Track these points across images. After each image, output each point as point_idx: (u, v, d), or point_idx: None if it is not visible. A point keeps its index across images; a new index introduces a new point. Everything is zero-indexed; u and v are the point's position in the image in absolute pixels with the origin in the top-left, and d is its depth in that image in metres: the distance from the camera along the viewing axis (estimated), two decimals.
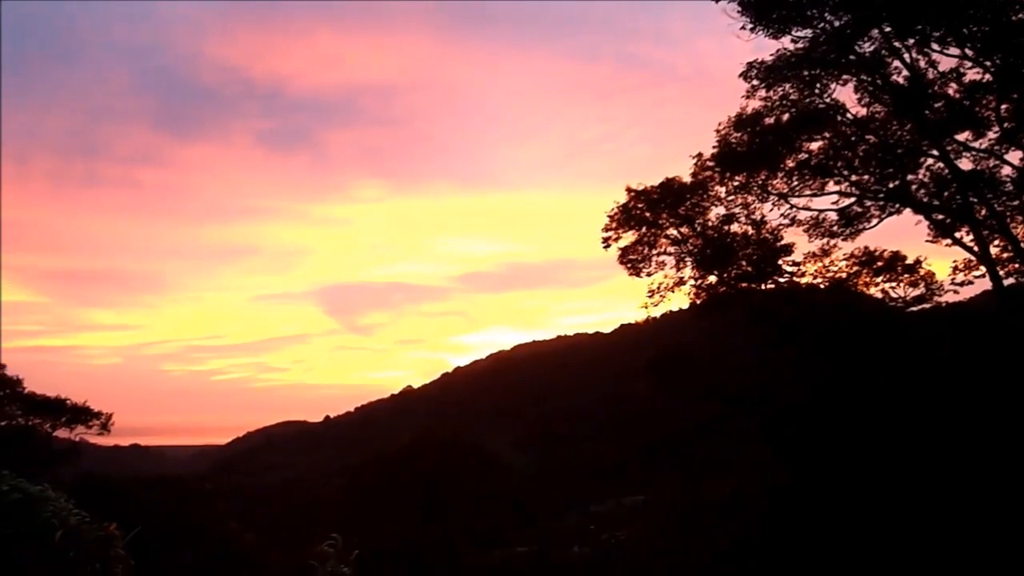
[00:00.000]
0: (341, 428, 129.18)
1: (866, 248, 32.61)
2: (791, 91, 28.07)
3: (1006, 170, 26.83)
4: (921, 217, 28.44)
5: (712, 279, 32.50)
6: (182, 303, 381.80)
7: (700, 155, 31.15)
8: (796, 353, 32.12)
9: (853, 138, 28.77)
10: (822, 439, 27.97)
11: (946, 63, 25.63)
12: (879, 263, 32.88)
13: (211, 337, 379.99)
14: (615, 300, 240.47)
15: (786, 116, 28.54)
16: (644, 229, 32.66)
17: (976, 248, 27.24)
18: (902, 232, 31.19)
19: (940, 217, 28.42)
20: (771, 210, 31.25)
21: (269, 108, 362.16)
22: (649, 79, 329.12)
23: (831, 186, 29.78)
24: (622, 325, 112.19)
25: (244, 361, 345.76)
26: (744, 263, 31.98)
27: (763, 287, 33.00)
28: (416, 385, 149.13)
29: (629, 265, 32.90)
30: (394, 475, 52.72)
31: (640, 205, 32.37)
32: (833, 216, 30.64)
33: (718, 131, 29.90)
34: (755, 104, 28.69)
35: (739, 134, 29.45)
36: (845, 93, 28.18)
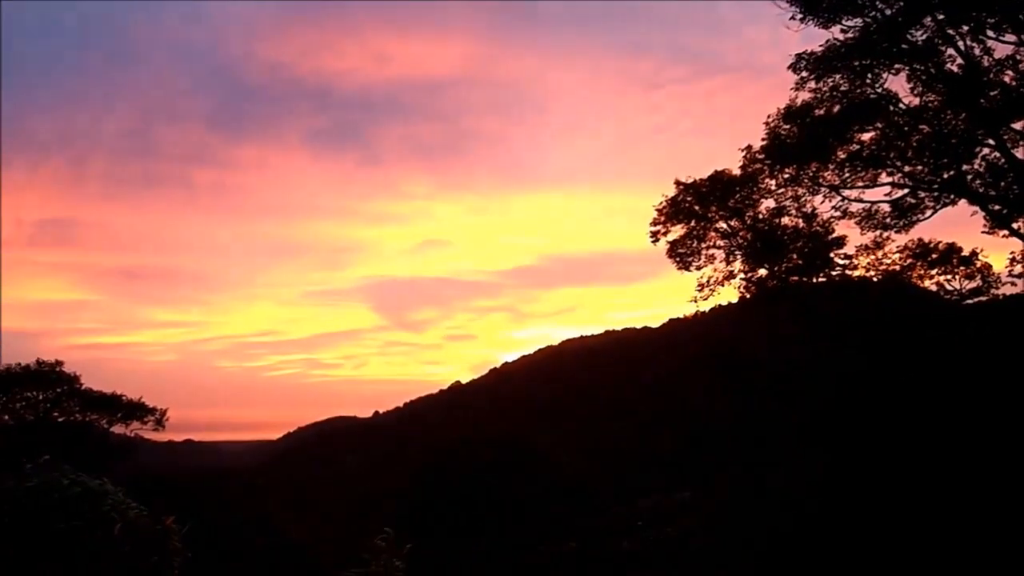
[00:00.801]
0: (391, 423, 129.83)
1: (920, 240, 32.14)
2: (841, 82, 27.56)
3: None
4: (977, 208, 27.81)
5: (762, 273, 32.17)
6: (235, 300, 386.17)
7: (749, 147, 30.86)
8: (847, 348, 31.68)
9: (906, 128, 28.15)
10: (872, 436, 27.60)
11: (1002, 50, 25.07)
12: (934, 255, 32.36)
13: (264, 334, 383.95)
14: (664, 295, 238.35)
15: (837, 107, 28.04)
16: (693, 222, 32.45)
17: None
18: (957, 223, 30.53)
19: (996, 207, 27.78)
20: (822, 202, 30.80)
21: (319, 106, 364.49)
22: (698, 70, 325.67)
23: (884, 177, 29.20)
24: (670, 320, 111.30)
25: (296, 357, 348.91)
26: (795, 256, 31.60)
27: (814, 281, 32.60)
28: (465, 380, 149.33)
29: (678, 259, 32.71)
30: (445, 471, 52.94)
31: (689, 198, 32.17)
32: (886, 208, 30.10)
33: (767, 123, 29.53)
34: (805, 96, 28.27)
35: (789, 126, 29.04)
36: (897, 83, 27.60)
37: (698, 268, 32.86)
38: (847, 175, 29.51)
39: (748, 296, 33.11)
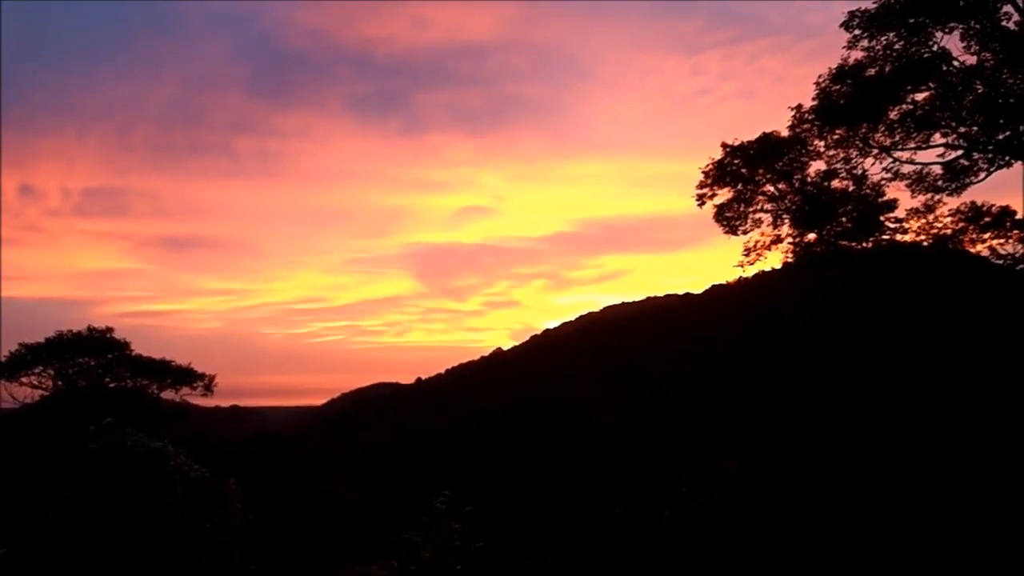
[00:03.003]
0: (433, 389, 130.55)
1: (972, 203, 31.42)
2: (895, 40, 26.99)
3: None
4: None
5: (810, 237, 31.76)
6: (279, 268, 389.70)
7: (799, 107, 30.29)
8: (896, 314, 31.24)
9: (960, 88, 27.52)
10: (924, 402, 27.27)
11: None
12: (987, 219, 31.63)
13: (307, 301, 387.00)
14: (706, 261, 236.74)
15: (889, 67, 27.47)
16: (740, 186, 32.06)
17: None
18: (1012, 186, 29.84)
19: None
20: (872, 164, 30.24)
21: (361, 73, 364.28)
22: (743, 32, 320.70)
23: (937, 138, 28.59)
24: (713, 286, 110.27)
25: (339, 324, 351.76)
26: (844, 220, 31.15)
27: (863, 245, 32.13)
28: (506, 347, 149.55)
29: (725, 223, 32.37)
30: (488, 435, 53.20)
31: (736, 161, 31.76)
32: (938, 170, 29.51)
33: (818, 83, 28.98)
34: (857, 55, 27.72)
35: (840, 86, 28.50)
36: (952, 41, 26.99)
37: (745, 232, 32.53)
38: (899, 136, 28.94)
39: (795, 260, 32.74)
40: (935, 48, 26.70)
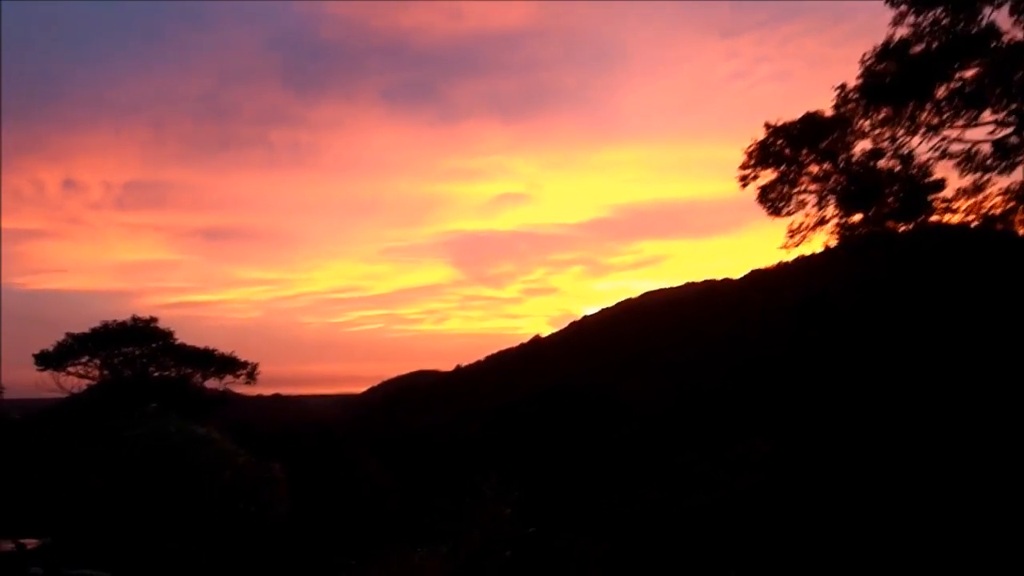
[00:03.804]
0: (472, 377, 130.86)
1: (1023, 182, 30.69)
2: (942, 16, 26.37)
3: None
4: None
5: (856, 218, 31.20)
6: (317, 258, 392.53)
7: (843, 86, 29.66)
8: (942, 297, 30.66)
9: (1010, 64, 26.83)
10: (969, 388, 26.79)
11: None
12: None
13: (345, 290, 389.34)
14: (744, 246, 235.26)
15: (936, 43, 26.86)
16: (784, 166, 31.54)
17: None
18: None
19: None
20: (920, 144, 29.58)
21: (393, 63, 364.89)
22: (777, 13, 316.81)
23: (986, 116, 27.87)
24: (752, 271, 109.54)
25: (377, 313, 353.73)
26: (891, 200, 30.54)
27: (909, 226, 31.52)
28: (545, 334, 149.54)
29: (768, 204, 31.85)
30: (528, 420, 53.18)
31: (779, 141, 31.24)
32: (987, 148, 28.77)
33: (863, 61, 28.36)
34: (902, 31, 27.13)
35: (885, 64, 27.91)
36: (1001, 15, 26.33)
37: (789, 214, 31.98)
38: (947, 114, 28.25)
39: (839, 243, 32.23)
40: (983, 23, 26.06)
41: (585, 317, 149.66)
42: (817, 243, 33.04)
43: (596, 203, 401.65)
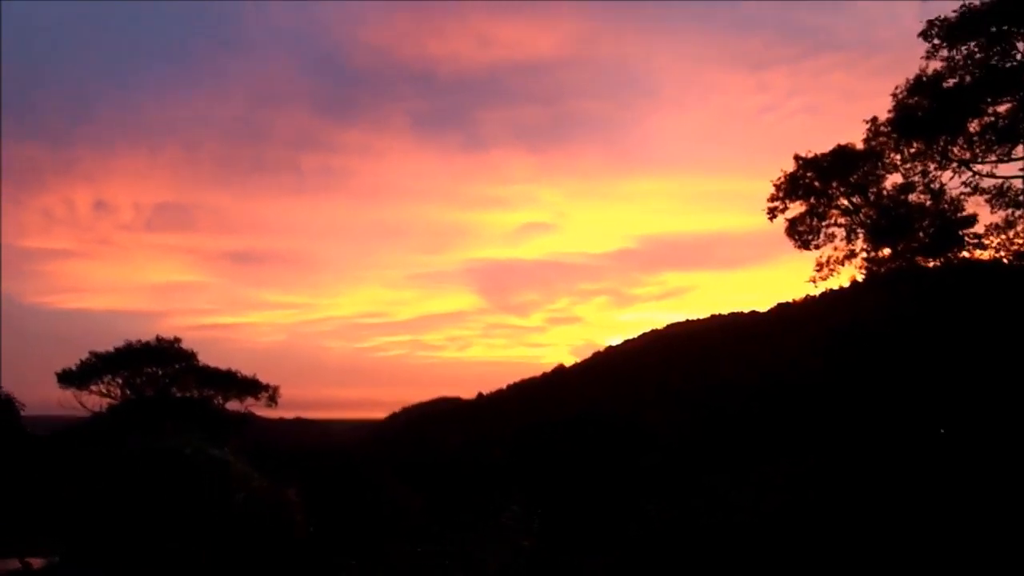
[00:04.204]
0: (495, 405, 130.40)
1: None
2: (975, 50, 26.17)
3: None
4: None
5: (885, 252, 30.88)
6: (343, 283, 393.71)
7: (875, 119, 29.51)
8: (972, 334, 30.14)
9: None
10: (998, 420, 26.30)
11: None
12: None
13: (371, 315, 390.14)
14: (770, 279, 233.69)
15: (969, 77, 26.62)
16: (813, 199, 31.32)
17: None
18: None
19: None
20: (951, 178, 29.28)
21: (423, 90, 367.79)
22: (808, 47, 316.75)
23: (1019, 151, 27.59)
24: (779, 304, 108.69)
25: (402, 339, 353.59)
26: (921, 235, 30.22)
27: (939, 262, 31.15)
28: (568, 363, 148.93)
29: (797, 237, 31.62)
30: (550, 447, 52.80)
31: (809, 174, 31.05)
32: (1019, 184, 28.45)
33: (895, 95, 28.20)
34: (935, 65, 26.95)
35: (917, 97, 27.70)
36: None
37: (817, 247, 31.75)
38: (979, 149, 27.99)
39: (867, 276, 31.91)
40: (1018, 57, 25.83)
41: (609, 347, 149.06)
42: (845, 277, 32.78)
43: (622, 233, 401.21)
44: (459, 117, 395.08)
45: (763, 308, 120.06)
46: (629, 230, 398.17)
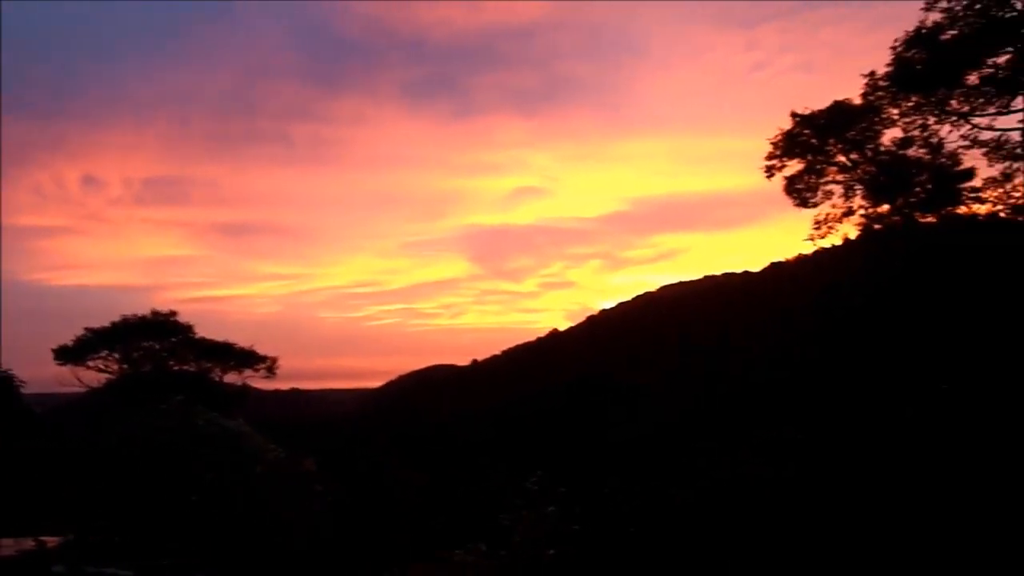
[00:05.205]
0: (489, 371, 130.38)
1: None
2: (975, 1, 25.88)
3: None
4: None
5: (884, 208, 30.72)
6: (336, 252, 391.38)
7: (872, 74, 29.18)
8: (967, 291, 30.05)
9: None
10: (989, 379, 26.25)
11: None
12: None
13: (364, 284, 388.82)
14: (763, 239, 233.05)
15: (968, 29, 26.34)
16: (810, 156, 31.10)
17: None
18: None
19: None
20: (950, 132, 29.07)
21: (413, 58, 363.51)
22: (799, 3, 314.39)
23: (1018, 103, 27.37)
24: (772, 264, 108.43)
25: (395, 307, 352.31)
26: (919, 190, 30.06)
27: (937, 217, 31.03)
28: (562, 328, 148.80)
29: (795, 195, 31.43)
30: (545, 412, 52.88)
31: (806, 131, 30.80)
32: (1017, 136, 28.26)
33: (893, 48, 27.88)
34: (935, 16, 26.64)
35: (916, 50, 27.39)
36: None
37: (815, 205, 31.59)
38: (978, 101, 27.76)
39: (863, 233, 31.79)
40: (1018, 7, 25.55)
41: (603, 311, 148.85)
42: (844, 233, 32.66)
43: (614, 196, 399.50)
44: (450, 84, 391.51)
45: (756, 268, 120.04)
46: (621, 192, 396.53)
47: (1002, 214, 30.78)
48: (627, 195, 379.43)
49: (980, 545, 19.32)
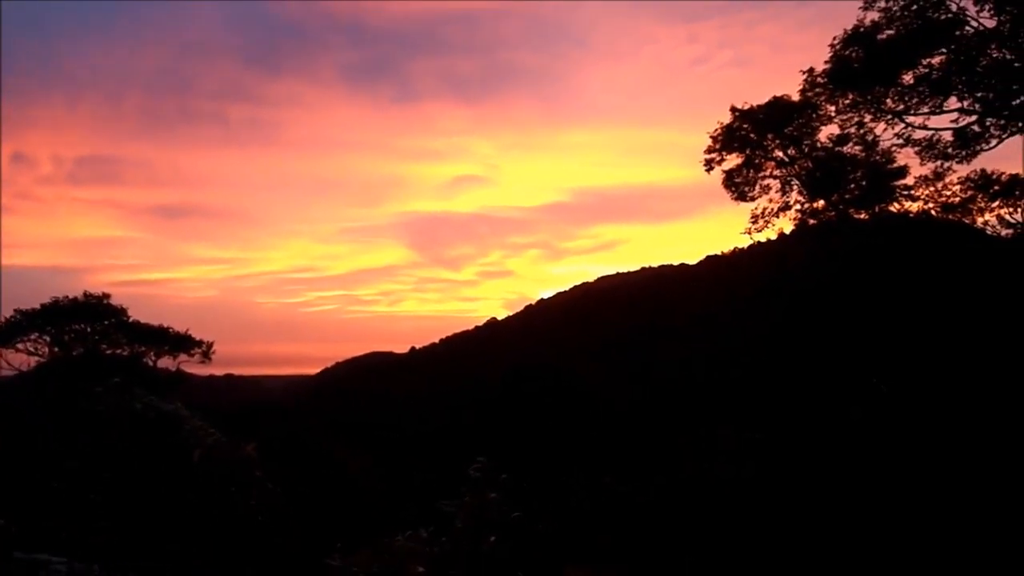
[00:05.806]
0: (427, 359, 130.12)
1: (982, 171, 30.98)
2: (912, 1, 26.47)
3: None
4: None
5: (819, 204, 31.35)
6: (273, 237, 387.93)
7: (811, 70, 29.70)
8: (898, 286, 30.81)
9: (976, 52, 26.98)
10: (923, 377, 26.99)
11: None
12: (996, 187, 31.22)
13: (302, 270, 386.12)
14: (701, 231, 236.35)
15: (905, 29, 26.95)
16: (749, 151, 31.58)
17: None
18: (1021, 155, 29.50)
19: None
20: (884, 130, 29.75)
21: (353, 41, 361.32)
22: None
23: (951, 104, 28.09)
24: (708, 256, 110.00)
25: (333, 293, 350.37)
26: (853, 187, 30.72)
27: (871, 214, 31.73)
28: (500, 316, 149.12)
29: (733, 189, 31.91)
30: (488, 404, 52.98)
31: (745, 126, 31.26)
32: (949, 137, 29.03)
33: (832, 45, 28.42)
34: (873, 15, 27.20)
35: (854, 48, 27.95)
36: (969, 3, 26.46)
37: (753, 199, 32.09)
38: (912, 101, 28.44)
39: (797, 228, 32.40)
40: (953, 9, 26.18)
41: (541, 300, 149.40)
42: (780, 228, 33.22)
43: (554, 186, 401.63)
44: (390, 68, 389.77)
45: (693, 260, 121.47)
46: (561, 183, 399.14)
47: (933, 212, 31.59)
48: (567, 185, 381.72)
49: (926, 535, 19.87)
